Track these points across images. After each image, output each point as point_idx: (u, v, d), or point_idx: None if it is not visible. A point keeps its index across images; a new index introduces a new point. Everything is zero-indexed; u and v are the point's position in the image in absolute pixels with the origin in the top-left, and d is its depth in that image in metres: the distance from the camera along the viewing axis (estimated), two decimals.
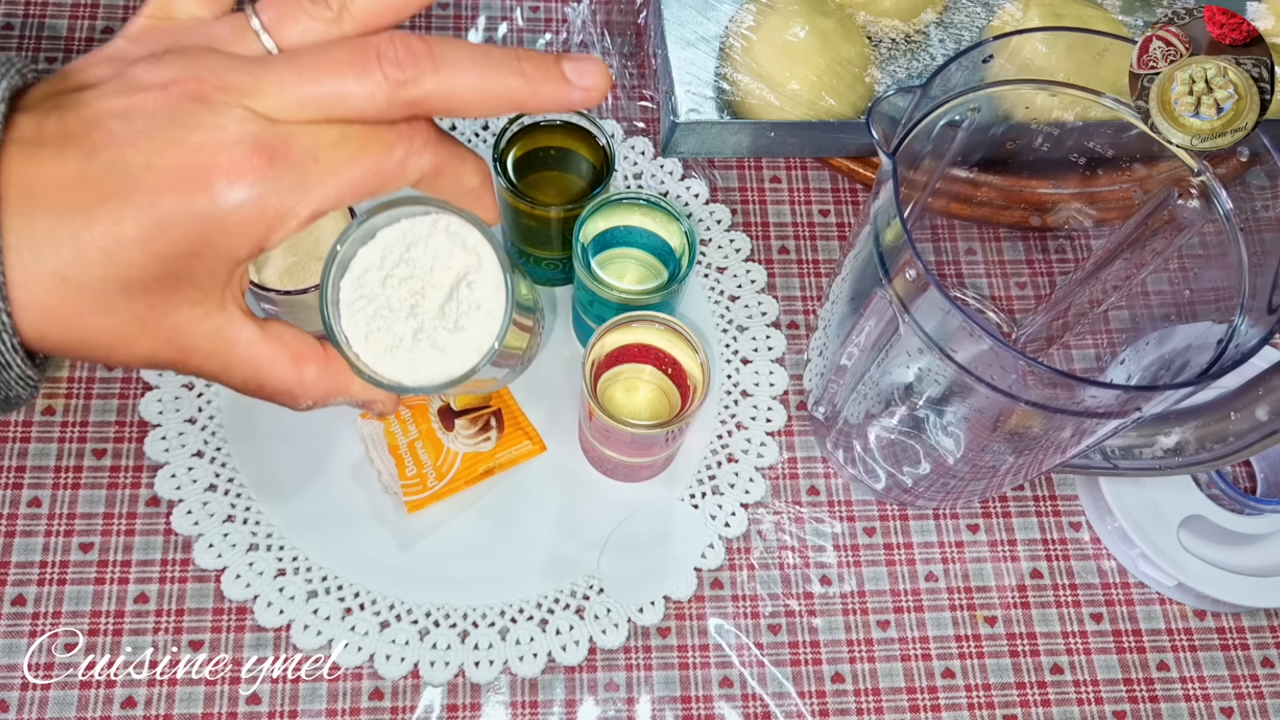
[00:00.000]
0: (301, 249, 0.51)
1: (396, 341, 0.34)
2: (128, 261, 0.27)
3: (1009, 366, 0.40)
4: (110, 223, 0.27)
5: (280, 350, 0.32)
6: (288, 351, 0.33)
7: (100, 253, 0.27)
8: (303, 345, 0.33)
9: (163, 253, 0.27)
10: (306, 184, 0.28)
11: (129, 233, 0.27)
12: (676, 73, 0.60)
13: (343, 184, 0.29)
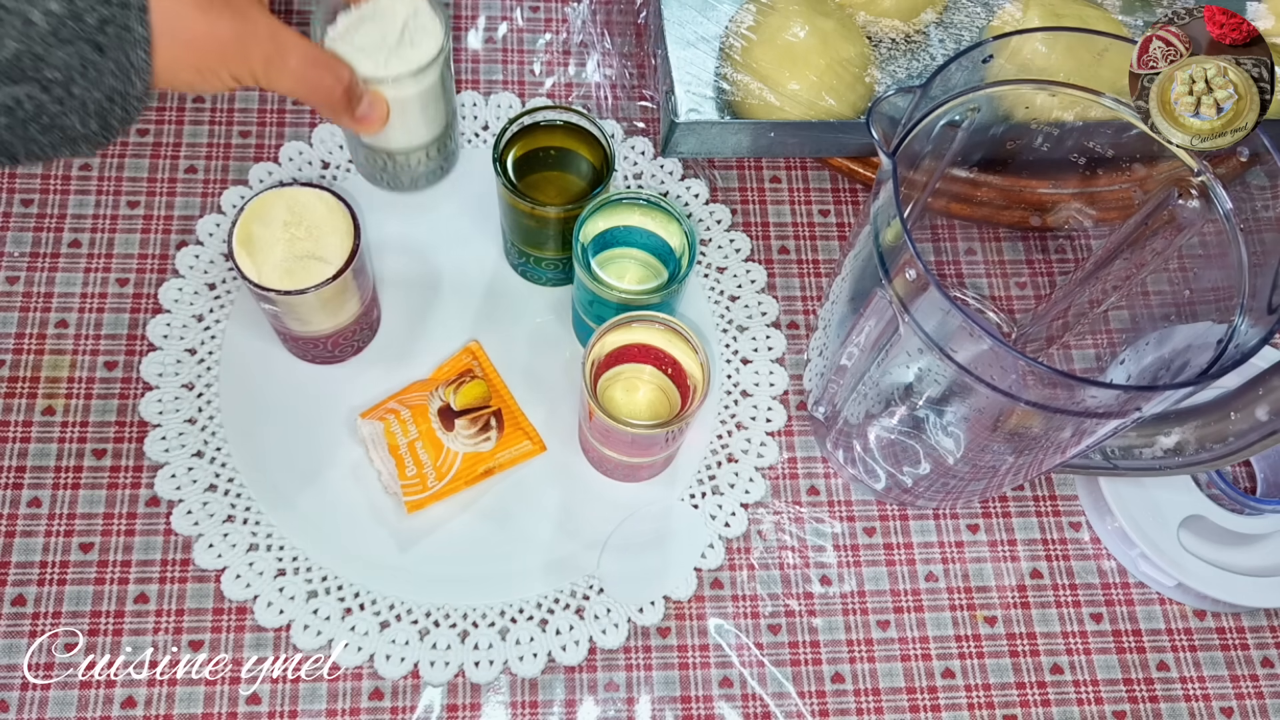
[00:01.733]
0: (298, 249, 0.51)
1: (378, 61, 0.49)
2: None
3: (1009, 366, 0.40)
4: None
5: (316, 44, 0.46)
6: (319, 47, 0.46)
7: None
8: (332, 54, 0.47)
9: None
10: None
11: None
12: (676, 73, 0.60)
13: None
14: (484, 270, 0.63)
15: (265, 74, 0.44)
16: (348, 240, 0.51)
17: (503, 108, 0.68)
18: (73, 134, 0.40)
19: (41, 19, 0.37)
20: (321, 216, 0.52)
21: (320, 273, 0.50)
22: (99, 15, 0.38)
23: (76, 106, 0.39)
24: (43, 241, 0.61)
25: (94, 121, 0.40)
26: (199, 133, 0.65)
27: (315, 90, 0.46)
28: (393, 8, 0.49)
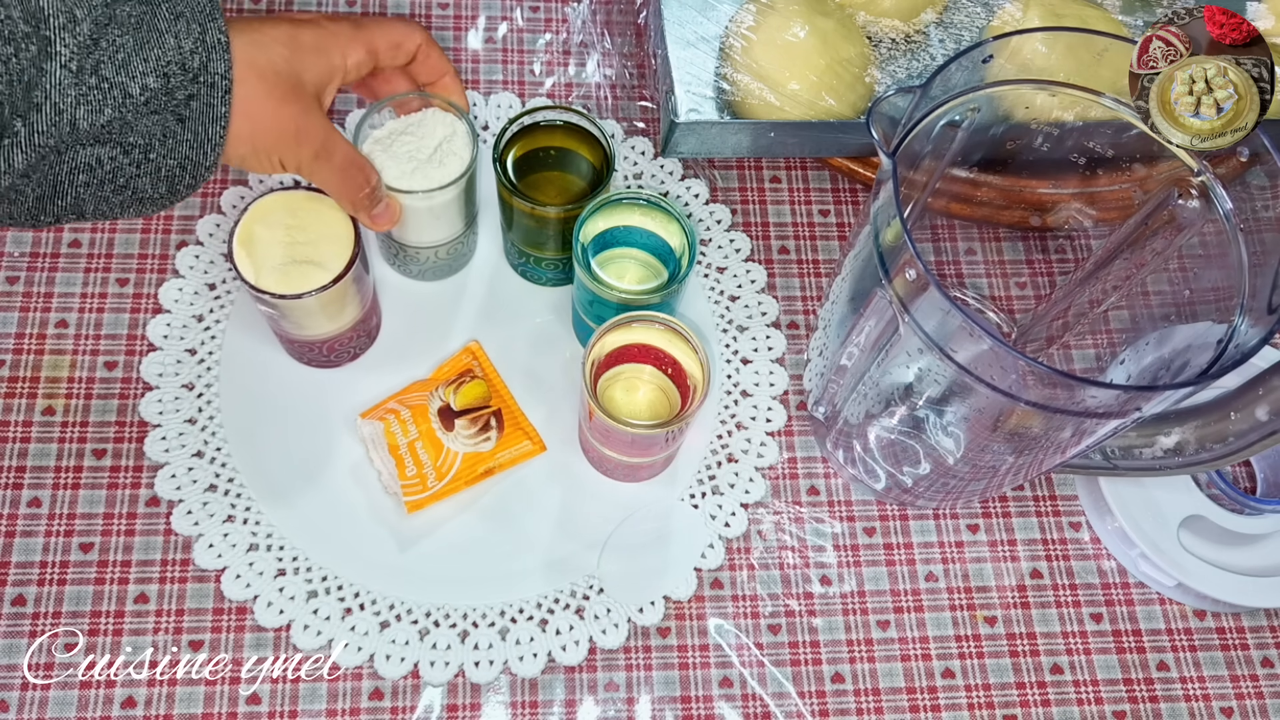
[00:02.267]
0: (297, 253, 0.51)
1: (405, 171, 0.53)
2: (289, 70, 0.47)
3: (1009, 366, 0.40)
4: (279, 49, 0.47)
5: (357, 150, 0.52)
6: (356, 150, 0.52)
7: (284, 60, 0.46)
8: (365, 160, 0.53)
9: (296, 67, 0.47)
10: (360, 29, 0.50)
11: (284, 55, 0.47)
12: (676, 73, 0.60)
13: (378, 37, 0.51)
14: (484, 270, 0.63)
15: (311, 166, 0.48)
16: (347, 247, 0.52)
17: (503, 108, 0.68)
18: (142, 195, 0.43)
19: (139, 91, 0.40)
20: (323, 221, 0.52)
21: (317, 278, 0.51)
22: (188, 91, 0.42)
23: (150, 170, 0.42)
24: (43, 241, 0.61)
25: (163, 185, 0.43)
26: None
27: (347, 187, 0.51)
28: (433, 127, 0.55)
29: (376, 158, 0.54)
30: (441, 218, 0.56)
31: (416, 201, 0.53)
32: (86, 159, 0.40)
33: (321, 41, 0.48)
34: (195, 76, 0.42)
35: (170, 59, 0.41)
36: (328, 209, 0.53)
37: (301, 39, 0.48)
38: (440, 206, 0.55)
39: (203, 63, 0.42)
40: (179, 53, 0.41)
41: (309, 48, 0.48)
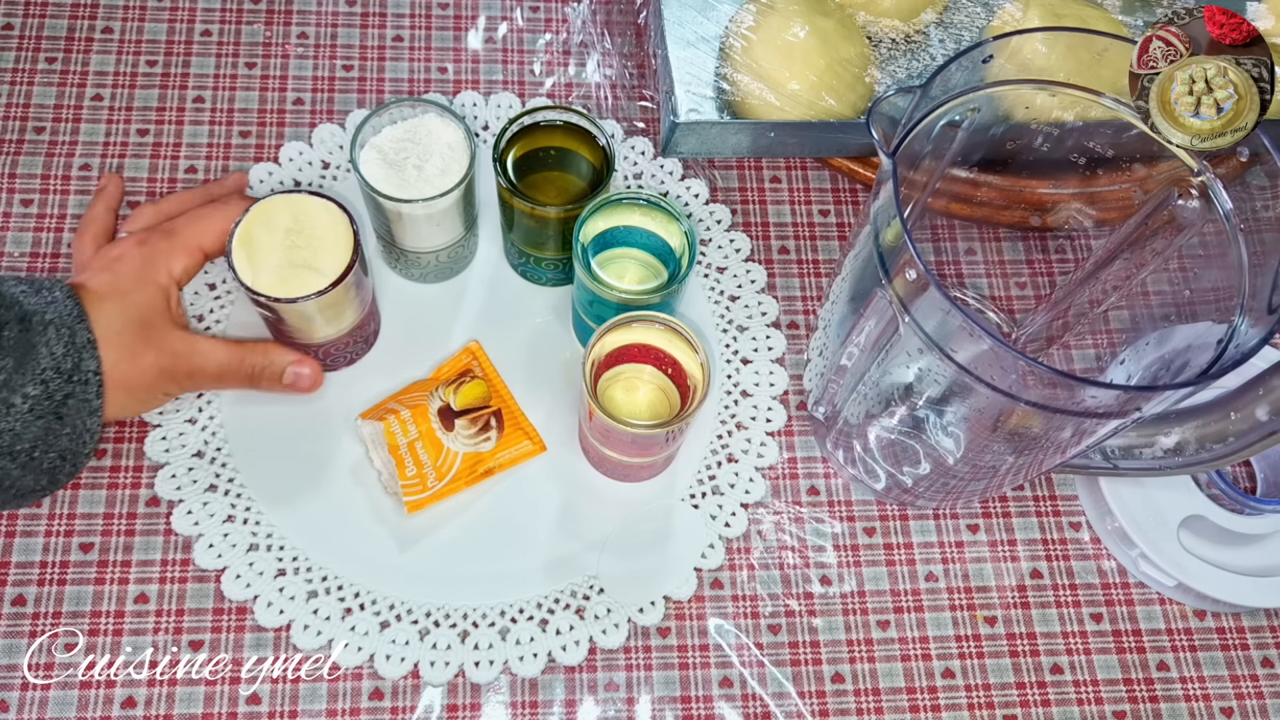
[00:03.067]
0: (296, 256, 0.51)
1: (407, 180, 0.54)
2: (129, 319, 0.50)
3: (1009, 366, 0.40)
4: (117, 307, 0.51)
5: (228, 341, 0.54)
6: (232, 342, 0.54)
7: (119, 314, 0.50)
8: (242, 342, 0.55)
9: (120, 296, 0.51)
10: (175, 235, 0.53)
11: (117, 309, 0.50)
12: (676, 73, 0.60)
13: (201, 234, 0.54)
14: (484, 271, 0.63)
15: (192, 385, 0.53)
16: (345, 254, 0.52)
17: (503, 108, 0.68)
18: (24, 490, 0.47)
19: (21, 402, 0.44)
20: (323, 227, 0.52)
21: (314, 283, 0.51)
22: (65, 391, 0.46)
23: (34, 468, 0.46)
24: (43, 241, 0.61)
25: (45, 478, 0.47)
26: (199, 133, 0.65)
27: (234, 384, 0.54)
28: (436, 135, 0.55)
29: (376, 166, 0.54)
30: (442, 223, 0.56)
31: (417, 209, 0.54)
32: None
33: (140, 272, 0.51)
34: (70, 377, 0.46)
35: (46, 365, 0.45)
36: (327, 213, 0.52)
37: (120, 281, 0.51)
38: (440, 213, 0.55)
39: (75, 363, 0.46)
40: (53, 359, 0.45)
41: (131, 283, 0.51)
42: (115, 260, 0.52)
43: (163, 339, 0.51)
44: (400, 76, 0.68)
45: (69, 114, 0.64)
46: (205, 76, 0.67)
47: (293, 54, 0.68)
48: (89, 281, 0.51)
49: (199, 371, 0.52)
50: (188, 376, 0.52)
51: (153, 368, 0.50)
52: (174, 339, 0.51)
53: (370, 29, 0.69)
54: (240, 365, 0.53)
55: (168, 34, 0.68)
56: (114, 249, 0.53)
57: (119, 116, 0.65)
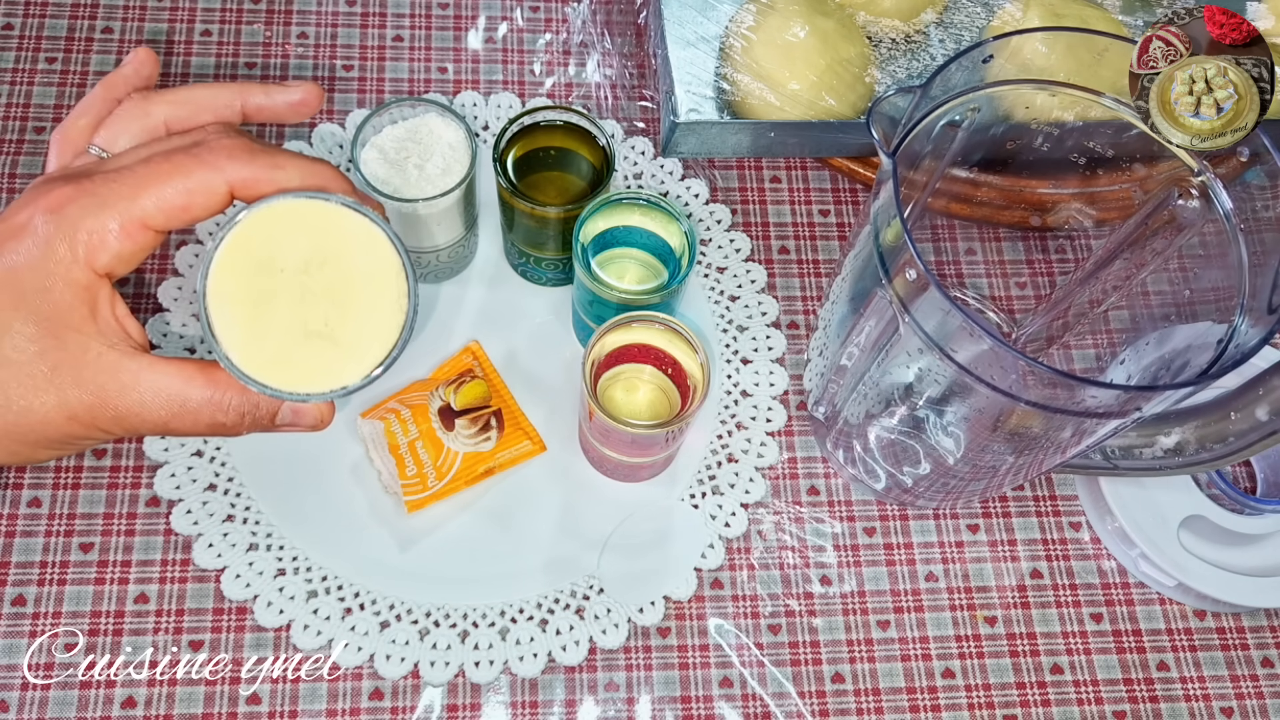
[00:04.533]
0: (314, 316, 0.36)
1: (409, 180, 0.40)
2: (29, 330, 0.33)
3: (1009, 366, 0.40)
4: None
5: (187, 366, 0.35)
6: (194, 366, 0.35)
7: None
8: (210, 364, 0.36)
9: (17, 294, 0.33)
10: (108, 204, 0.34)
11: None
12: (676, 73, 0.60)
13: (145, 201, 0.34)
14: (484, 271, 0.63)
15: (124, 432, 0.36)
16: (391, 321, 0.34)
17: (503, 108, 0.68)
18: None
19: None
20: (358, 267, 0.34)
21: (338, 372, 0.34)
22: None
23: None
24: None
25: None
26: None
27: (195, 430, 0.37)
28: (438, 134, 0.54)
29: (377, 165, 0.54)
30: (443, 223, 0.56)
31: (419, 209, 0.54)
32: None
33: (46, 257, 0.34)
34: None
35: None
36: (367, 243, 0.34)
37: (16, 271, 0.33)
38: (441, 213, 0.55)
39: None
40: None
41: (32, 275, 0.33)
42: (9, 235, 0.34)
43: (79, 366, 0.34)
44: (400, 76, 0.68)
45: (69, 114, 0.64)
46: (205, 76, 0.67)
47: (293, 54, 0.68)
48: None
49: (132, 417, 0.35)
50: (116, 422, 0.35)
51: (58, 410, 0.34)
52: (98, 366, 0.34)
53: (370, 29, 0.69)
54: (207, 406, 0.35)
55: (168, 34, 0.68)
56: (14, 212, 0.35)
57: None
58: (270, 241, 0.34)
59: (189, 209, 0.35)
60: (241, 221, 0.33)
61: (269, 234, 0.34)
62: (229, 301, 0.33)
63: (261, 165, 0.35)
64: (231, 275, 0.33)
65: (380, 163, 0.54)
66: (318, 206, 0.34)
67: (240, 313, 0.33)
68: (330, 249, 0.34)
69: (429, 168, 0.54)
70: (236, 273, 0.33)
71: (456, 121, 0.55)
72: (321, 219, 0.34)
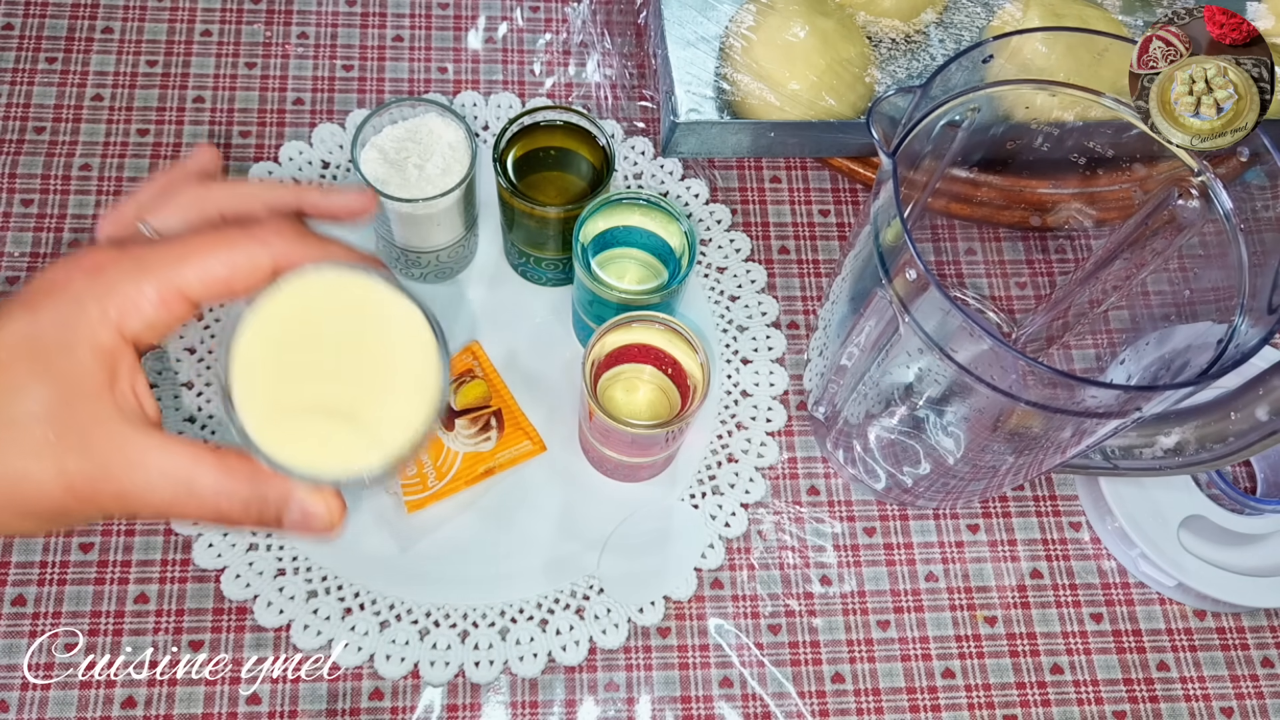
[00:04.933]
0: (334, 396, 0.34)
1: (409, 179, 0.42)
2: (12, 367, 0.31)
3: (1009, 366, 0.40)
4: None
5: (198, 449, 0.33)
6: (206, 450, 0.33)
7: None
8: (223, 450, 0.34)
9: (39, 351, 0.32)
10: (149, 268, 0.33)
11: (5, 341, 0.32)
12: (676, 73, 0.60)
13: (187, 270, 0.33)
14: (484, 271, 0.63)
15: (124, 512, 0.34)
16: (420, 406, 0.32)
17: (503, 108, 0.68)
18: None
19: None
20: (393, 348, 0.33)
21: (357, 454, 0.32)
22: None
23: None
24: (43, 241, 0.61)
25: None
26: (199, 133, 0.65)
27: (196, 516, 0.34)
28: (438, 134, 0.55)
29: (377, 165, 0.54)
30: (443, 223, 0.56)
31: (418, 208, 0.54)
32: None
33: (73, 318, 0.32)
34: None
35: None
36: (402, 324, 0.32)
37: (39, 329, 0.32)
38: (441, 213, 0.55)
39: None
40: None
41: (55, 334, 0.32)
42: (44, 291, 0.33)
43: (86, 435, 0.32)
44: (400, 76, 0.68)
45: (69, 114, 0.64)
46: (205, 76, 0.67)
47: (293, 54, 0.68)
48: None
49: (134, 497, 0.33)
50: (117, 500, 0.33)
51: (56, 480, 0.32)
52: (107, 438, 0.32)
53: (370, 29, 0.69)
54: (215, 493, 0.33)
55: (168, 34, 0.68)
56: (54, 270, 0.34)
57: (119, 116, 0.65)
58: (306, 311, 0.32)
59: (230, 283, 0.33)
60: (279, 287, 0.32)
61: (306, 304, 0.32)
62: (253, 369, 0.31)
63: (311, 246, 0.35)
64: (260, 342, 0.31)
65: (380, 163, 0.54)
66: (359, 281, 0.32)
67: (263, 383, 0.31)
68: (366, 326, 0.32)
69: (429, 168, 0.54)
70: (266, 340, 0.31)
71: (456, 121, 0.55)
72: (361, 294, 0.32)
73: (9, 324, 0.32)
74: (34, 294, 0.33)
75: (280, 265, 0.34)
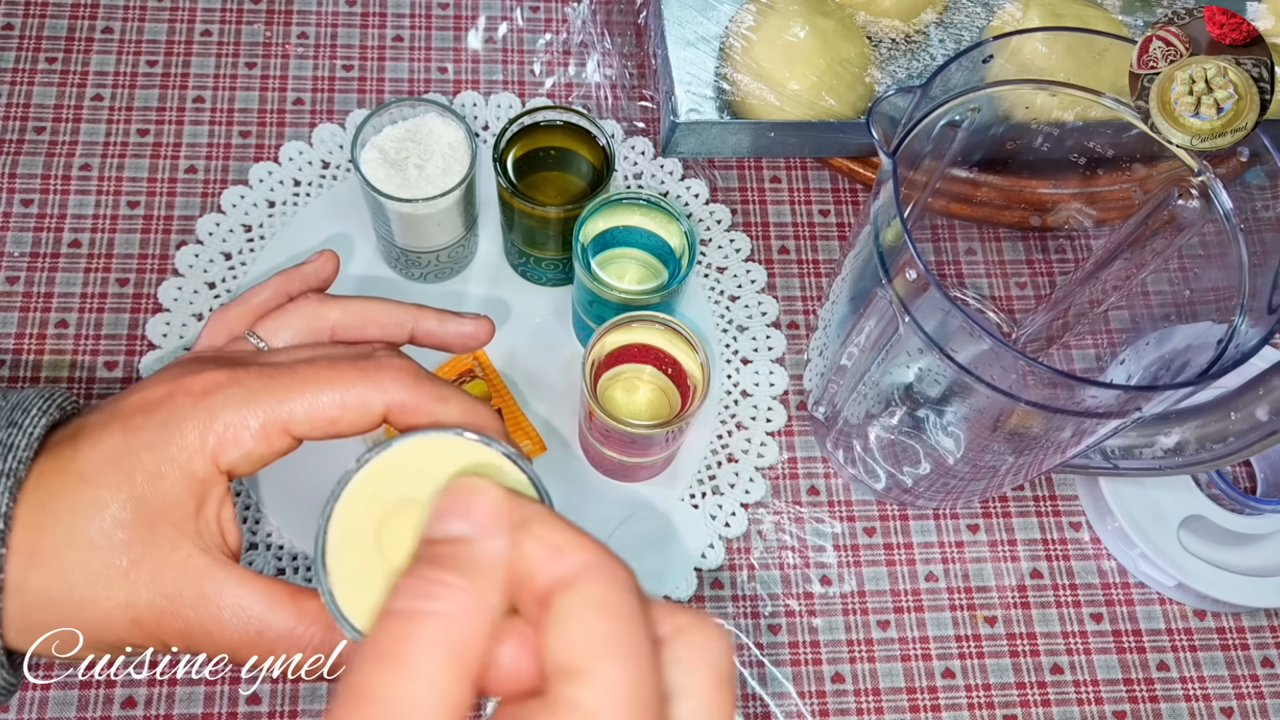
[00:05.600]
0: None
1: (408, 179, 0.48)
2: (97, 483, 0.30)
3: (1009, 366, 0.40)
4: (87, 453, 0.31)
5: (275, 590, 0.31)
6: (283, 590, 0.32)
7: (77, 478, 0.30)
8: (299, 591, 0.32)
9: (128, 471, 0.30)
10: (257, 399, 0.31)
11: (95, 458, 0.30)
12: (676, 73, 0.60)
13: (296, 405, 0.32)
14: (484, 271, 0.63)
15: (184, 647, 0.31)
16: None
17: (503, 108, 0.68)
18: None
19: None
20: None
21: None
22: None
23: None
24: (43, 241, 0.61)
25: None
26: (199, 133, 0.65)
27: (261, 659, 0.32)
28: (438, 134, 0.55)
29: (377, 165, 0.54)
30: (443, 223, 0.56)
31: (419, 208, 0.54)
32: None
33: (168, 439, 0.31)
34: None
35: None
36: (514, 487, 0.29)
37: (131, 447, 0.31)
38: (441, 213, 0.55)
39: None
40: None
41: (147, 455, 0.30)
42: (144, 409, 0.32)
43: (161, 566, 0.30)
44: (400, 76, 0.68)
45: (69, 114, 0.64)
46: (205, 76, 0.67)
47: (293, 54, 0.68)
48: (84, 436, 0.31)
49: (201, 635, 0.31)
50: (182, 636, 0.31)
51: (123, 611, 0.30)
52: (182, 570, 0.30)
53: (370, 29, 0.69)
54: (286, 639, 0.31)
55: (168, 34, 0.68)
56: (158, 384, 0.32)
57: (119, 116, 0.65)
58: (415, 477, 0.29)
59: (337, 423, 0.32)
60: (394, 448, 0.29)
61: (417, 468, 0.29)
62: (350, 532, 0.28)
63: (426, 394, 0.33)
64: (363, 504, 0.29)
65: (380, 163, 0.54)
66: (474, 449, 0.29)
67: (357, 547, 0.28)
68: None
69: (429, 168, 0.54)
70: (369, 503, 0.29)
71: (456, 121, 0.55)
72: (474, 466, 0.29)
73: (104, 439, 0.31)
74: (133, 409, 0.31)
75: (392, 411, 0.33)
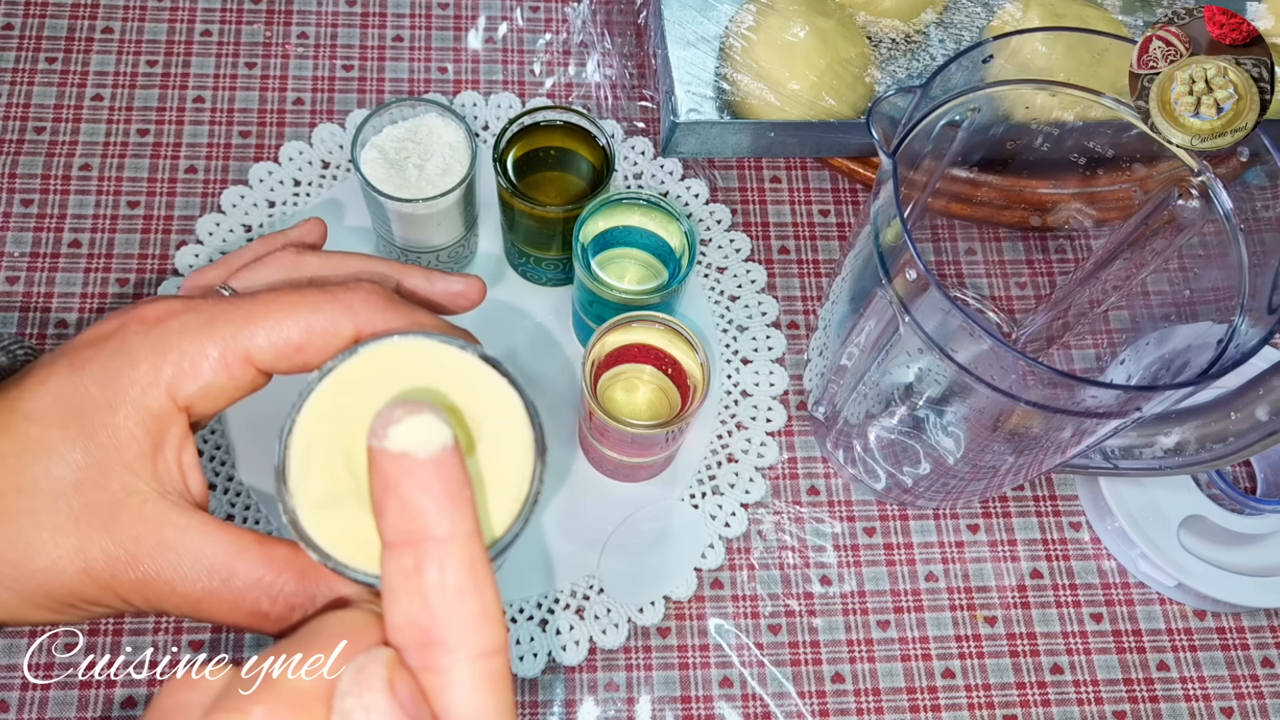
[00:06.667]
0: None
1: (409, 179, 0.48)
2: (44, 422, 0.27)
3: (1009, 366, 0.40)
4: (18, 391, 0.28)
5: (243, 536, 0.29)
6: (250, 537, 0.29)
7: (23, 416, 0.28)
8: (270, 539, 0.30)
9: (77, 409, 0.28)
10: (215, 325, 0.29)
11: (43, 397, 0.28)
12: (676, 73, 0.60)
13: (257, 331, 0.29)
14: (484, 271, 0.63)
15: (143, 603, 0.29)
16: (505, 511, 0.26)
17: (503, 108, 0.68)
18: None
19: None
20: (482, 436, 0.27)
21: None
22: None
23: None
24: (43, 241, 0.61)
25: None
26: (199, 133, 0.65)
27: (229, 619, 0.29)
28: (438, 134, 0.55)
29: (377, 165, 0.54)
30: (443, 223, 0.56)
31: (419, 208, 0.54)
32: None
33: (119, 374, 0.28)
34: None
35: None
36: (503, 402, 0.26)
37: (81, 384, 0.28)
38: (441, 213, 0.55)
39: None
40: None
41: (97, 392, 0.28)
42: (93, 342, 0.29)
43: (115, 511, 0.28)
44: (400, 76, 0.68)
45: (69, 114, 0.64)
46: (205, 76, 0.67)
47: (293, 54, 0.68)
48: (32, 374, 0.29)
49: (160, 585, 0.28)
50: (138, 587, 0.28)
51: (73, 559, 0.27)
52: (138, 515, 0.28)
53: (370, 29, 0.69)
54: (255, 588, 0.29)
55: (168, 34, 0.68)
56: (109, 318, 0.30)
57: (119, 116, 0.65)
58: (384, 386, 0.26)
59: (303, 350, 0.30)
60: (360, 354, 0.26)
61: (385, 377, 0.26)
62: (315, 449, 0.26)
63: (400, 315, 0.31)
64: (328, 417, 0.26)
65: (380, 163, 0.54)
66: (449, 355, 0.26)
67: (324, 466, 0.26)
68: (451, 409, 0.26)
69: (429, 168, 0.54)
70: (337, 416, 0.26)
71: (456, 121, 0.55)
72: (450, 371, 0.26)
73: (52, 376, 0.28)
74: (84, 344, 0.29)
75: (363, 335, 0.30)
